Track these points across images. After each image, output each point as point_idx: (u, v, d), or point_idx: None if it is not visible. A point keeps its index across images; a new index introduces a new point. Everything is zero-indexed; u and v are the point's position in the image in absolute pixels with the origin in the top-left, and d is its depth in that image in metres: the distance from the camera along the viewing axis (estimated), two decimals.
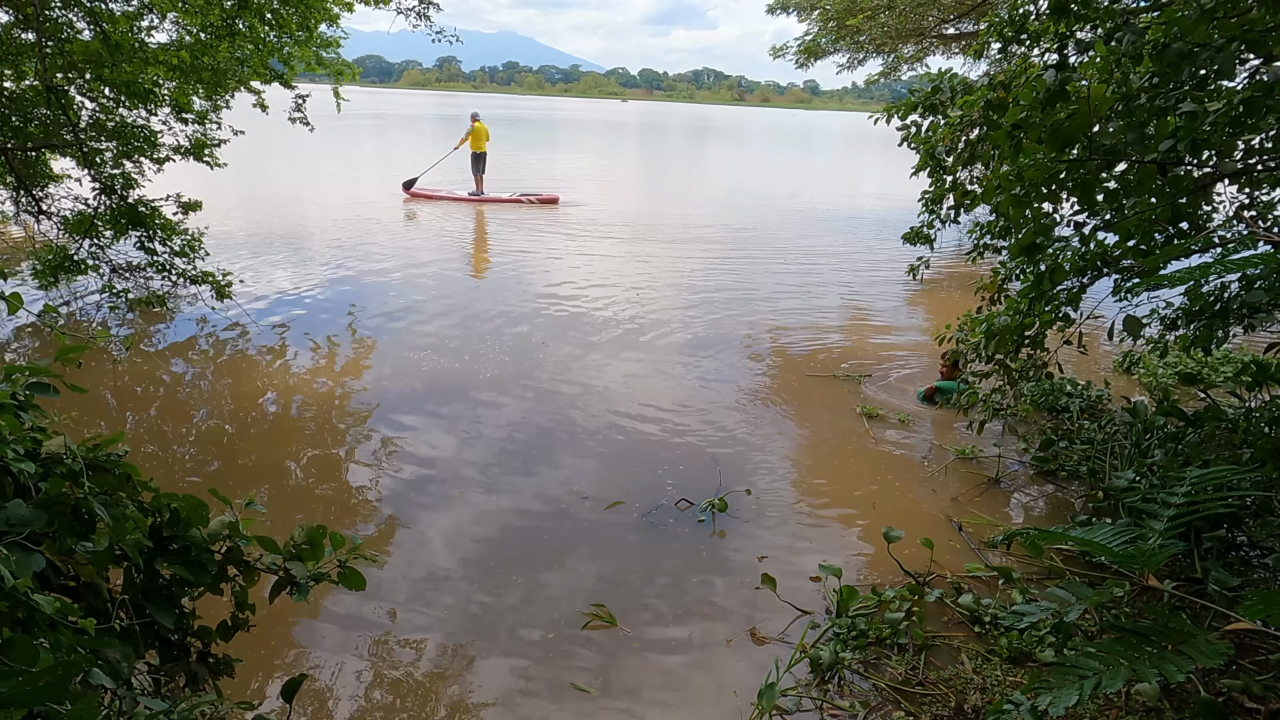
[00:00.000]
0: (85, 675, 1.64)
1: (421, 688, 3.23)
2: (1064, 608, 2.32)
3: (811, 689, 3.17)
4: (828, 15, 15.46)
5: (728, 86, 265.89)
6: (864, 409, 6.21)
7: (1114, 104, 3.26)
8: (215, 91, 7.94)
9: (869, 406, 6.26)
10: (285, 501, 4.73)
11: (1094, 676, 1.99)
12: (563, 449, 5.48)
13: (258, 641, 3.38)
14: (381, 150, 27.56)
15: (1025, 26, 3.93)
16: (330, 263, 10.75)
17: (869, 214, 18.68)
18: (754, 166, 34.46)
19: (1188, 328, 4.35)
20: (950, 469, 5.30)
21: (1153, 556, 2.32)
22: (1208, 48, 2.99)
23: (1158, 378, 6.79)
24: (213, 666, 2.21)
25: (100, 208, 7.06)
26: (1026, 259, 3.75)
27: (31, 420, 1.87)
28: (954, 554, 4.23)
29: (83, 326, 7.60)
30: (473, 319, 8.40)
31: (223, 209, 13.12)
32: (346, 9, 8.21)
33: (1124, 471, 4.52)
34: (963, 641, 3.44)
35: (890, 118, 5.57)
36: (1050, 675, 2.05)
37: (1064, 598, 2.33)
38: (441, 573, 4.01)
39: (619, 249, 12.78)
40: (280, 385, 6.44)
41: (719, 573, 4.06)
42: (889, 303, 10.23)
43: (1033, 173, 3.26)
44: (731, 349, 7.77)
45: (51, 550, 1.67)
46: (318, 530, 2.19)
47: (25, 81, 7.19)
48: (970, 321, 4.61)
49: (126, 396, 6.13)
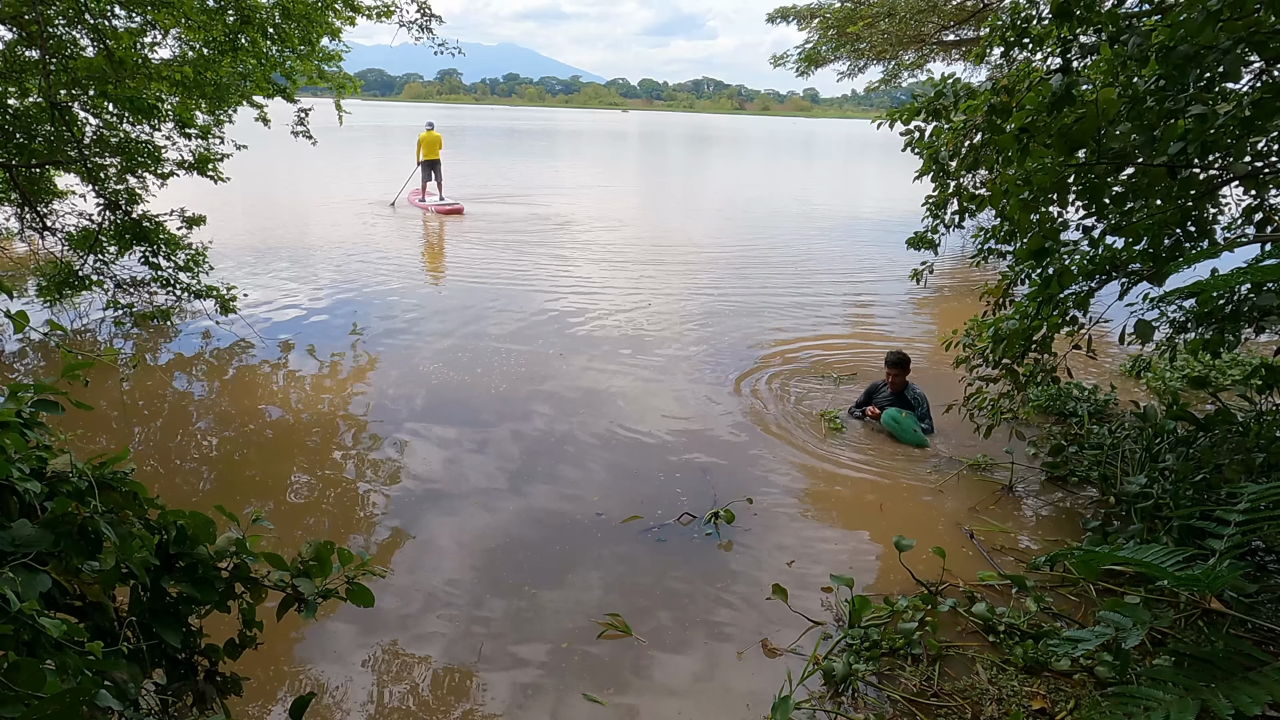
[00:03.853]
0: (92, 697, 1.62)
1: (432, 700, 3.20)
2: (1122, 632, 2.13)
3: (825, 701, 3.13)
4: (828, 23, 15.51)
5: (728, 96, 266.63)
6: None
7: (1121, 107, 3.24)
8: (218, 106, 7.97)
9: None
10: (292, 516, 4.71)
11: (1161, 708, 1.86)
12: (570, 461, 5.46)
13: (266, 659, 3.35)
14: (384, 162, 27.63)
15: (1027, 31, 3.92)
16: (334, 276, 10.76)
17: (871, 220, 18.68)
18: (755, 174, 34.52)
19: (1197, 331, 4.33)
20: (961, 476, 5.26)
21: (1217, 579, 2.16)
22: (1214, 50, 2.98)
23: (1166, 381, 6.75)
24: (220, 685, 2.18)
25: (105, 223, 7.08)
26: (1034, 263, 3.73)
27: (37, 438, 1.86)
28: (966, 562, 4.19)
29: (86, 343, 7.60)
30: (476, 331, 8.39)
31: (227, 223, 13.15)
32: (349, 23, 8.24)
33: (1135, 477, 4.48)
34: (977, 651, 3.40)
35: (893, 122, 5.56)
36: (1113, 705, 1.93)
37: (1119, 621, 2.14)
38: (450, 584, 3.98)
39: (622, 259, 12.77)
40: (286, 399, 6.42)
41: (728, 584, 4.02)
42: (894, 309, 10.21)
43: (1041, 177, 3.24)
44: (736, 358, 7.75)
45: (57, 570, 1.65)
46: (325, 546, 2.16)
47: (29, 98, 7.22)
48: (977, 326, 4.59)
49: (132, 412, 6.12)
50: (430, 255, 13.24)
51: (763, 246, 14.56)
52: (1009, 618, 3.55)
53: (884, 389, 6.08)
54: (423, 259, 12.89)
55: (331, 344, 7.88)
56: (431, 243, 14.13)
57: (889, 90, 18.91)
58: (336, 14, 8.10)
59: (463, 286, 10.50)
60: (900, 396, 5.95)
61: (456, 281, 10.90)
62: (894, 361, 5.95)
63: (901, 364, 5.94)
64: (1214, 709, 1.82)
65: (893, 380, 5.98)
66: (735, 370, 7.35)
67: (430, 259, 12.94)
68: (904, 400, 5.93)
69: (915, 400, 5.94)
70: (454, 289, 10.40)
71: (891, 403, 5.94)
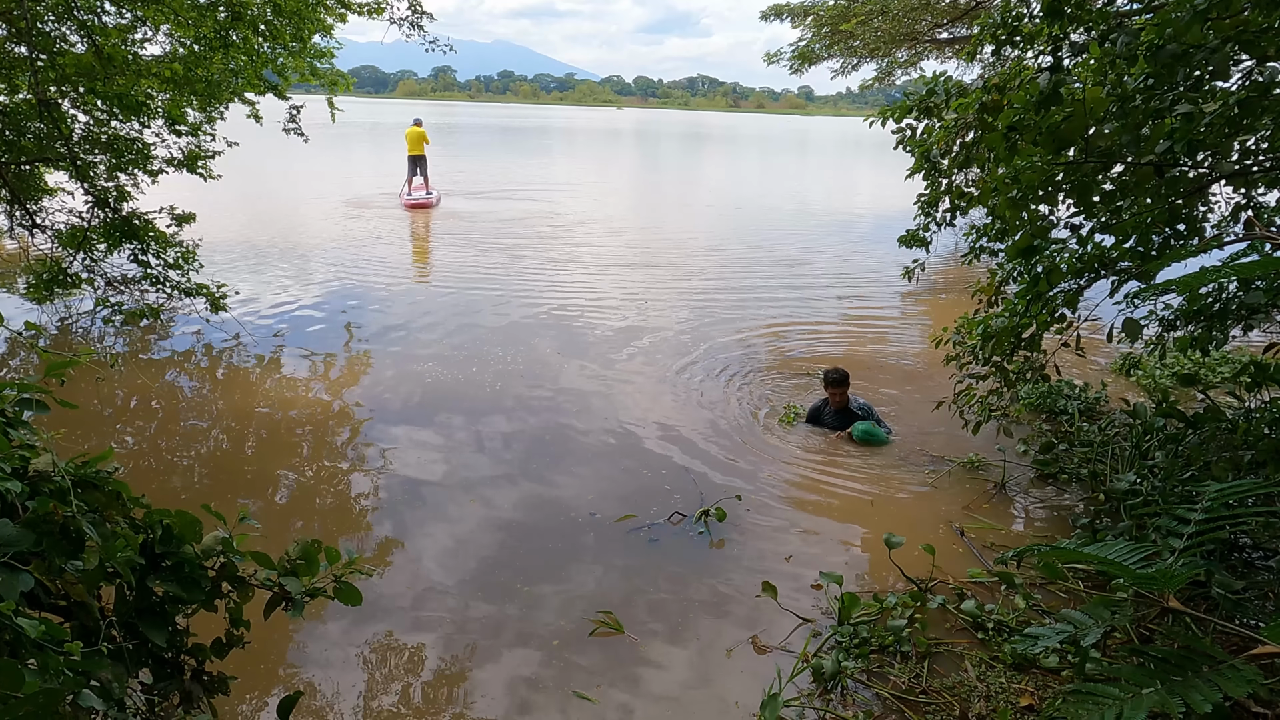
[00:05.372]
0: (75, 697, 1.61)
1: (423, 697, 3.20)
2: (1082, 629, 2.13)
3: (814, 699, 3.14)
4: (821, 21, 15.50)
5: (722, 93, 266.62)
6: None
7: (1109, 106, 3.25)
8: (209, 103, 7.93)
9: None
10: (284, 514, 4.69)
11: (1115, 704, 1.89)
12: (564, 460, 5.46)
13: (257, 658, 3.34)
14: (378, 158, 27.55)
15: (1019, 29, 3.93)
16: (328, 273, 10.73)
17: (865, 218, 18.71)
18: (750, 172, 34.54)
19: (1186, 329, 4.34)
20: (952, 474, 5.27)
21: (1173, 578, 2.17)
22: (1202, 49, 2.98)
23: (1156, 379, 6.78)
24: (207, 685, 2.17)
25: (93, 221, 7.04)
26: (1023, 261, 3.74)
27: (20, 437, 1.84)
28: (956, 559, 4.20)
29: (76, 342, 7.56)
30: (470, 328, 8.38)
31: (220, 220, 13.10)
32: (340, 19, 8.21)
33: (1125, 474, 4.50)
34: (966, 648, 3.41)
35: (885, 121, 5.56)
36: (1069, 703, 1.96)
37: (1080, 619, 2.15)
38: (442, 582, 3.97)
39: (618, 258, 12.77)
40: (278, 398, 6.40)
41: (719, 581, 4.03)
42: (887, 308, 10.22)
43: (1029, 175, 3.25)
44: (730, 357, 7.75)
45: (40, 570, 1.64)
46: (313, 545, 2.16)
47: (19, 95, 7.17)
48: (967, 324, 4.60)
49: (122, 411, 6.09)
50: (423, 253, 13.20)
51: (757, 245, 14.56)
52: (998, 614, 3.57)
53: (826, 409, 5.96)
54: (415, 257, 12.86)
55: (325, 341, 7.86)
56: (425, 240, 14.09)
57: (883, 88, 18.91)
58: (328, 10, 8.06)
59: (457, 284, 10.48)
60: (846, 412, 5.84)
61: (450, 279, 10.87)
62: (836, 380, 5.82)
63: (843, 382, 5.82)
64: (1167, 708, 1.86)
65: (836, 399, 5.86)
66: (729, 369, 7.35)
67: (423, 257, 12.91)
68: (852, 414, 5.82)
69: (863, 410, 5.84)
70: (448, 287, 10.37)
71: (840, 421, 5.84)
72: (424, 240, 14.10)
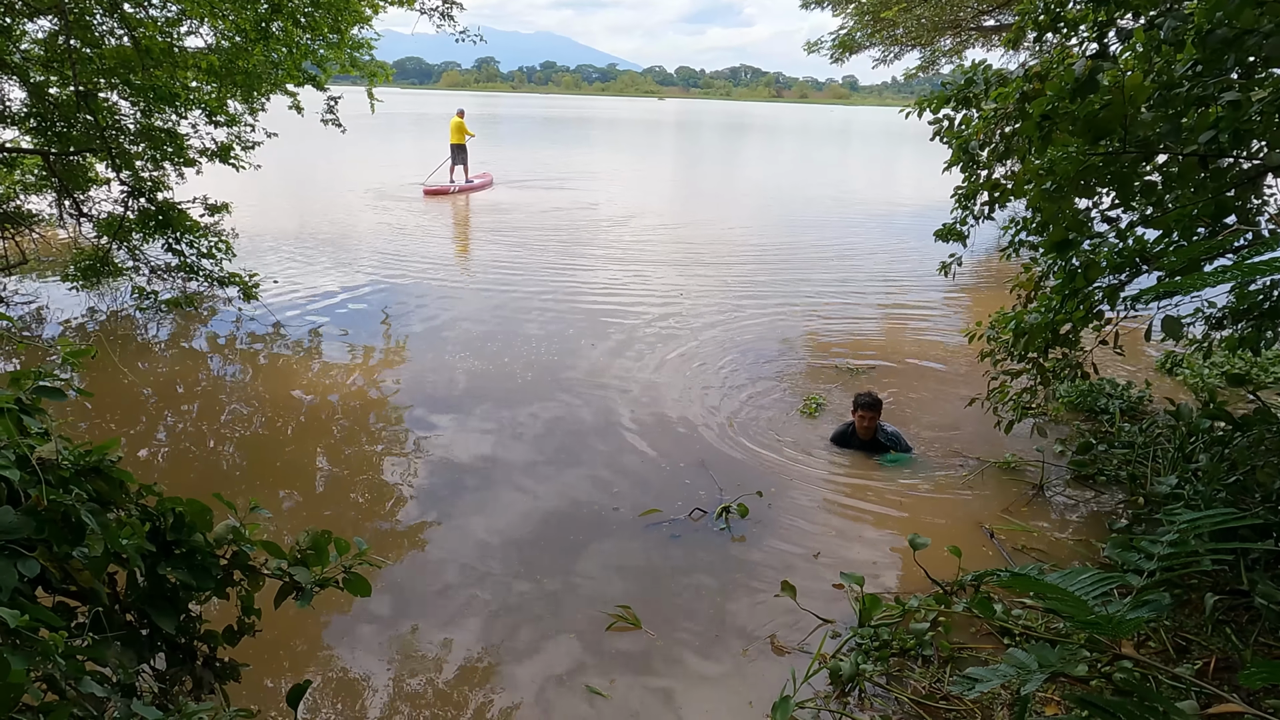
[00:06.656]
0: (78, 683, 1.64)
1: (437, 685, 3.22)
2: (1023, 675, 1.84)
3: (830, 701, 3.08)
4: (862, 9, 15.22)
5: (765, 83, 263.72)
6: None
7: (1152, 93, 3.10)
8: (250, 95, 8.06)
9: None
10: (314, 502, 4.77)
11: None
12: (592, 454, 5.45)
13: (278, 645, 3.39)
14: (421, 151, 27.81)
15: (1062, 14, 3.77)
16: (366, 263, 10.85)
17: (908, 211, 18.35)
18: (793, 164, 34.16)
19: (1234, 327, 4.15)
20: (988, 475, 5.14)
21: (1122, 624, 1.89)
22: (1255, 33, 2.83)
23: (1203, 379, 6.52)
24: (219, 671, 2.20)
25: (129, 210, 7.20)
26: (1058, 255, 3.61)
27: (34, 425, 1.88)
28: (986, 562, 4.09)
29: (121, 330, 7.76)
30: (507, 319, 8.41)
31: (260, 210, 13.36)
32: (377, 11, 8.27)
33: (1166, 477, 4.34)
34: (991, 654, 3.32)
35: (922, 111, 5.41)
36: None
37: (1024, 662, 1.85)
38: (463, 572, 4.00)
39: (657, 252, 12.68)
40: (315, 384, 6.50)
41: (738, 579, 3.98)
42: (928, 302, 9.99)
43: (1064, 166, 3.12)
44: (768, 353, 7.66)
45: (45, 556, 1.67)
46: (323, 535, 2.17)
47: (70, 88, 7.36)
48: (1000, 319, 4.47)
49: (166, 396, 6.24)
50: (463, 244, 13.30)
51: (798, 240, 14.33)
52: (1025, 621, 3.46)
53: (853, 436, 5.41)
54: (455, 247, 12.96)
55: (362, 330, 7.95)
56: (465, 231, 14.20)
57: (928, 78, 18.50)
58: (367, 2, 8.13)
59: (496, 275, 10.53)
60: (874, 444, 5.34)
61: (489, 270, 10.93)
62: (867, 404, 5.26)
63: (874, 406, 5.29)
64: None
65: (866, 425, 5.30)
66: (765, 365, 7.26)
67: (463, 248, 13.00)
68: (880, 446, 5.34)
69: (891, 440, 5.35)
70: (487, 277, 10.43)
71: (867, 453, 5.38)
72: (464, 230, 14.19)
